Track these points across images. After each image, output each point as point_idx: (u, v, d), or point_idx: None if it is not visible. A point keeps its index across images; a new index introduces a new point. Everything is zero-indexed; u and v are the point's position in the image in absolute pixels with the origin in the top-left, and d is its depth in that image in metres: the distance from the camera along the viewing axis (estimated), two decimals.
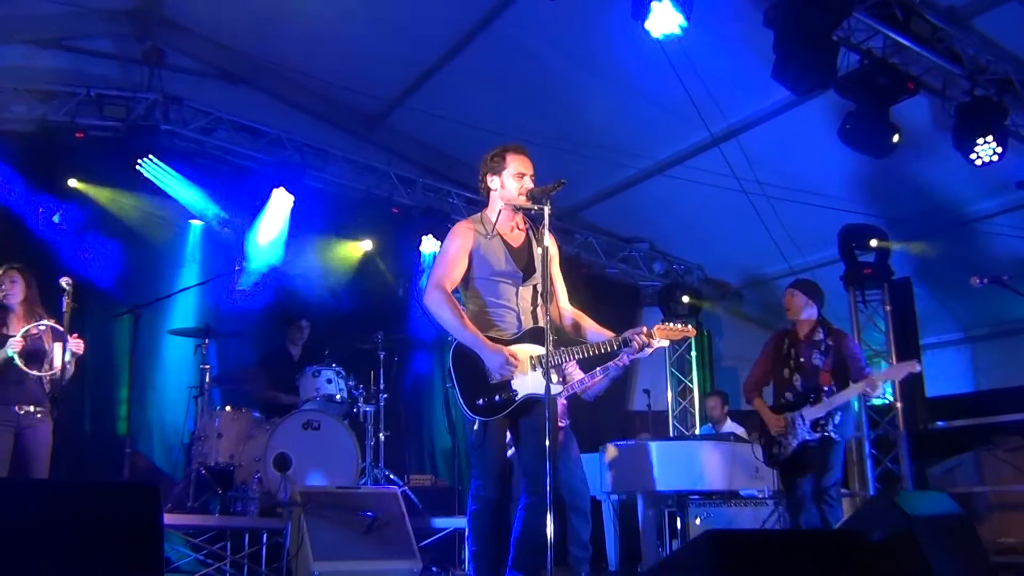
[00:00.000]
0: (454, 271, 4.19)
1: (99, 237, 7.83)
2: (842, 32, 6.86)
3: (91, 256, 7.73)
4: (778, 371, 6.08)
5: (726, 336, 12.57)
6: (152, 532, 3.31)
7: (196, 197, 8.48)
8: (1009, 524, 8.65)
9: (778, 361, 6.10)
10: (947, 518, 4.07)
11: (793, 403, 5.94)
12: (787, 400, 5.98)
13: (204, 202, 8.53)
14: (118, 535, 3.19)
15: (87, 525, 3.13)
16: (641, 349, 4.23)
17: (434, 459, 9.75)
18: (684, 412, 11.57)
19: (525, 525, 4.04)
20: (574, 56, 8.09)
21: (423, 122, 9.19)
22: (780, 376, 6.06)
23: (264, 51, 8.57)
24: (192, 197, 8.46)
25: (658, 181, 9.78)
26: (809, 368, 5.96)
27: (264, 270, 8.53)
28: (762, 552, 3.14)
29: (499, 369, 3.99)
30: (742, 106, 8.32)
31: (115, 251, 7.86)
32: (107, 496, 3.32)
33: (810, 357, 5.98)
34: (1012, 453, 8.79)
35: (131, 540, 3.22)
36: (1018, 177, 8.26)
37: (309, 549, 5.27)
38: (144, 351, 7.76)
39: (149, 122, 8.29)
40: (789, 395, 5.98)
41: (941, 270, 9.84)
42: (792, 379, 5.97)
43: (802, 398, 5.91)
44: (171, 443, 8.04)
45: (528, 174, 4.24)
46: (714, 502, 7.23)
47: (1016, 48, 7.31)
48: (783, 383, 6.02)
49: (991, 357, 10.27)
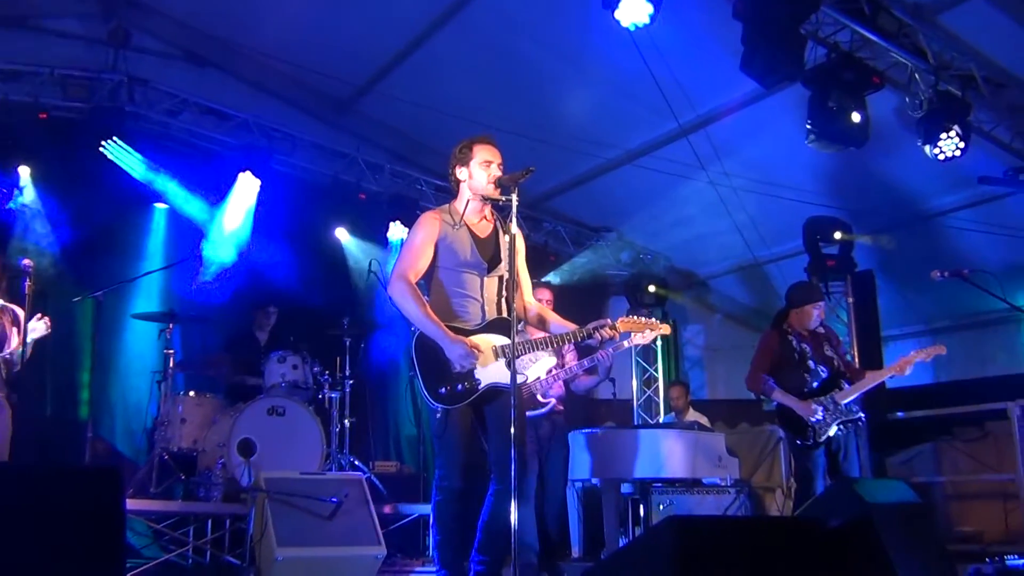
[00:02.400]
0: (419, 261, 4.20)
1: (62, 219, 7.73)
2: (810, 26, 6.92)
3: (53, 239, 7.63)
4: (792, 364, 6.12)
5: (692, 326, 12.67)
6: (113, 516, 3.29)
7: (161, 180, 8.37)
8: (966, 513, 8.80)
9: (788, 355, 6.15)
10: (905, 506, 4.12)
11: (818, 391, 6.02)
12: (812, 389, 6.04)
13: (169, 185, 8.42)
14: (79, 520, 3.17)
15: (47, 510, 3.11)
16: (604, 341, 4.27)
17: (399, 446, 9.75)
18: (649, 401, 11.66)
19: (492, 512, 4.07)
20: (544, 44, 8.08)
21: (392, 108, 9.15)
22: (798, 367, 6.10)
23: (232, 33, 8.47)
24: (157, 180, 8.35)
25: (627, 171, 9.80)
26: (828, 359, 6.14)
27: (231, 259, 8.45)
28: (723, 537, 3.17)
29: (459, 360, 4.01)
30: (710, 97, 8.35)
31: (78, 234, 7.76)
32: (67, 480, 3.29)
33: (822, 348, 6.17)
34: (970, 444, 8.92)
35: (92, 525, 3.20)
36: (980, 172, 8.38)
37: (273, 535, 5.25)
38: (107, 335, 7.69)
39: (114, 104, 8.19)
40: (815, 384, 6.05)
41: (903, 263, 9.97)
42: (818, 369, 6.07)
43: (830, 385, 6.01)
44: (134, 428, 7.98)
45: (496, 162, 4.24)
46: (677, 490, 7.28)
47: (980, 44, 7.40)
48: (806, 373, 6.08)
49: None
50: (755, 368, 6.22)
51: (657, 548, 3.07)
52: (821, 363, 6.10)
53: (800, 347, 6.14)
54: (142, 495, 6.48)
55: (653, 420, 11.14)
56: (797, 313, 6.26)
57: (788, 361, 6.14)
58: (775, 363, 6.17)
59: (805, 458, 6.04)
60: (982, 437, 8.90)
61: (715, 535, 3.17)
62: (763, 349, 6.28)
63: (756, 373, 6.19)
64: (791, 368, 6.12)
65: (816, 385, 6.04)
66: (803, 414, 5.92)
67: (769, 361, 6.19)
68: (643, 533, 6.50)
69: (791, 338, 6.19)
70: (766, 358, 6.21)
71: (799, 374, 6.08)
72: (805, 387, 6.04)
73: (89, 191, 8.04)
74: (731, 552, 3.12)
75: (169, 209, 8.60)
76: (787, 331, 6.24)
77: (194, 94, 8.60)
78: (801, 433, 5.97)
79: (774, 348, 6.22)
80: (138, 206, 8.49)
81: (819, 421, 5.89)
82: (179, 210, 8.57)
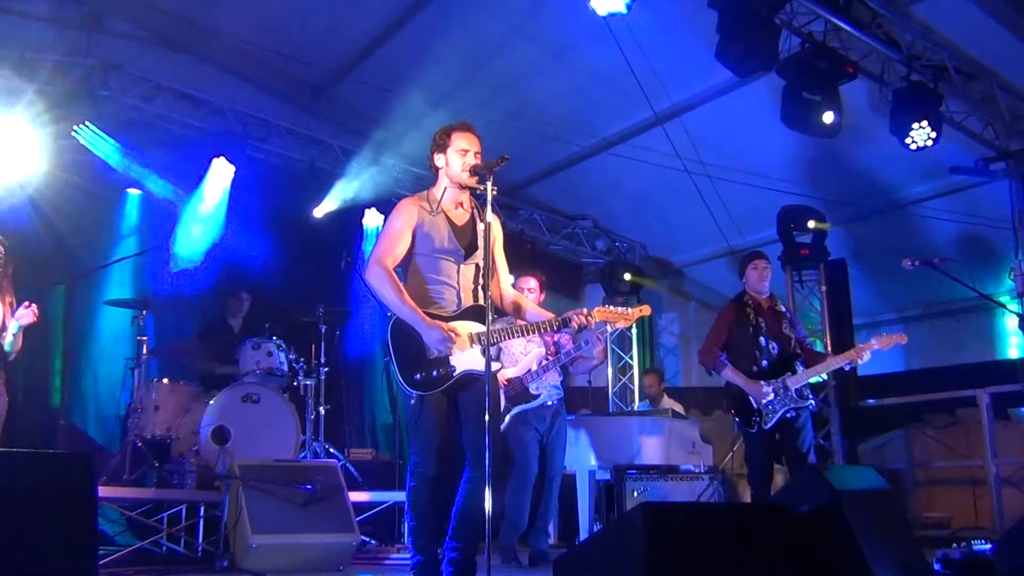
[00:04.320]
0: (396, 247, 4.21)
1: (33, 205, 7.64)
2: (784, 15, 6.96)
3: (24, 224, 7.55)
4: (746, 339, 6.06)
5: (666, 314, 12.74)
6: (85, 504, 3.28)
7: (134, 166, 8.30)
8: (936, 499, 8.92)
9: (743, 329, 6.09)
10: (873, 492, 4.17)
11: (769, 371, 5.96)
12: (762, 368, 5.98)
13: (142, 171, 8.35)
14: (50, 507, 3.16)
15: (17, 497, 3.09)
16: (580, 329, 4.30)
17: (375, 433, 9.75)
18: (624, 388, 11.72)
19: (466, 498, 4.09)
20: (521, 31, 8.07)
21: (368, 94, 9.11)
22: (751, 343, 6.04)
23: (207, 18, 8.38)
24: (129, 165, 8.28)
25: (602, 159, 9.84)
26: (783, 336, 6.08)
27: (204, 246, 8.40)
28: (693, 524, 3.21)
29: (437, 344, 4.02)
30: (686, 86, 8.39)
31: (49, 219, 7.68)
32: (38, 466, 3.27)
33: (780, 327, 6.10)
34: (940, 431, 9.05)
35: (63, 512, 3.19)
36: (951, 162, 8.46)
37: (247, 522, 5.26)
38: (79, 322, 7.63)
39: (86, 88, 8.10)
40: (764, 362, 5.99)
41: (876, 252, 10.08)
42: (768, 347, 6.01)
43: (781, 366, 5.96)
44: (106, 415, 7.92)
45: (473, 150, 4.24)
46: (651, 476, 7.33)
47: (952, 35, 7.47)
48: (756, 350, 6.01)
49: (922, 337, 10.54)
50: (709, 341, 6.21)
51: (629, 534, 3.10)
52: (774, 340, 6.04)
53: (756, 321, 6.07)
54: (115, 482, 6.43)
55: (628, 408, 11.20)
56: (746, 282, 6.29)
57: (741, 335, 6.09)
58: (729, 337, 6.14)
59: (750, 441, 6.05)
60: (952, 424, 9.03)
61: (685, 521, 3.20)
62: (719, 322, 6.26)
63: (710, 346, 6.17)
64: (743, 342, 6.07)
65: (766, 364, 5.98)
66: (753, 395, 5.90)
67: (724, 335, 6.16)
68: (615, 520, 6.55)
69: (749, 311, 6.13)
70: (721, 332, 6.17)
71: (750, 349, 6.03)
72: (755, 365, 5.99)
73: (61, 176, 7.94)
74: (701, 538, 3.16)
75: (142, 195, 8.52)
76: (746, 303, 6.19)
77: (168, 79, 8.50)
78: (746, 418, 5.95)
79: (729, 321, 6.18)
80: (111, 191, 8.40)
81: (768, 404, 5.85)
82: (152, 196, 8.49)
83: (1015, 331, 9.93)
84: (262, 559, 5.23)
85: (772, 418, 5.87)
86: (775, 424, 5.89)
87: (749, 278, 6.27)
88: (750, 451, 6.13)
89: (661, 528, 3.03)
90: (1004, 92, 7.94)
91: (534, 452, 6.21)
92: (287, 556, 5.33)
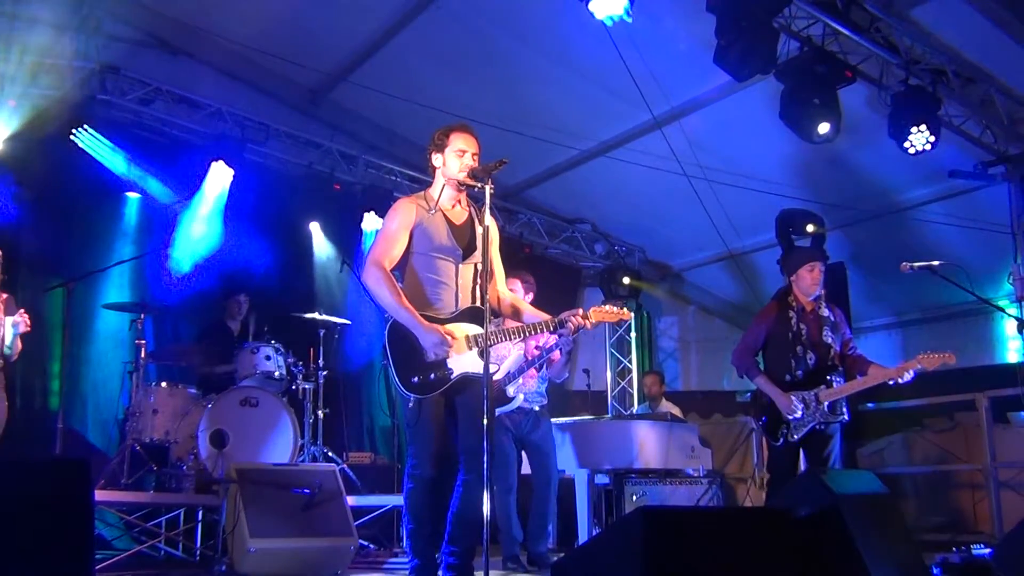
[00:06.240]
0: (393, 248, 4.19)
1: (32, 208, 7.63)
2: (783, 19, 6.97)
3: (22, 227, 7.54)
4: (783, 345, 5.69)
5: (665, 318, 12.74)
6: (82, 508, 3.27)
7: (132, 169, 8.29)
8: (935, 504, 8.90)
9: (782, 334, 5.70)
10: (872, 496, 4.16)
11: (804, 382, 5.61)
12: (796, 378, 5.62)
13: (140, 174, 8.35)
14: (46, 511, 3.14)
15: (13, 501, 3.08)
16: (577, 331, 4.29)
17: (373, 437, 9.73)
18: (623, 392, 11.72)
19: (462, 502, 4.07)
20: (520, 35, 8.08)
21: (366, 98, 9.11)
22: (787, 351, 5.67)
23: (205, 22, 8.40)
24: (128, 169, 8.27)
25: (601, 162, 9.84)
26: (822, 345, 5.68)
27: (203, 249, 8.39)
28: (691, 528, 3.19)
29: (433, 348, 4.00)
30: (684, 90, 8.40)
31: (48, 223, 7.67)
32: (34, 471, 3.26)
33: (820, 333, 5.70)
34: (940, 434, 9.01)
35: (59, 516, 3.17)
36: (950, 166, 8.47)
37: (245, 526, 5.23)
38: (77, 325, 7.60)
39: (85, 91, 8.10)
40: (799, 372, 5.61)
41: (874, 256, 10.07)
42: (806, 356, 5.62)
43: (815, 378, 5.60)
44: (105, 419, 7.90)
45: (471, 152, 4.24)
46: (650, 480, 7.33)
47: (951, 39, 7.48)
48: (793, 359, 5.64)
49: (921, 341, 10.52)
50: (744, 344, 5.86)
51: (627, 538, 3.09)
52: (812, 349, 5.63)
53: (798, 327, 5.66)
54: (113, 486, 6.42)
55: (627, 412, 11.19)
56: (795, 281, 5.84)
57: (779, 341, 5.71)
58: (767, 338, 5.77)
59: (775, 452, 5.74)
60: (951, 428, 8.99)
61: (684, 526, 3.19)
62: (758, 322, 5.88)
63: (744, 349, 5.83)
64: (779, 349, 5.71)
65: (800, 374, 5.61)
66: (782, 408, 5.56)
67: (762, 337, 5.78)
68: (613, 524, 6.54)
69: (791, 314, 5.72)
70: (759, 334, 5.80)
71: (786, 357, 5.66)
72: (789, 374, 5.63)
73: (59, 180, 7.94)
74: (700, 542, 3.15)
75: (141, 198, 8.52)
76: (790, 305, 5.78)
77: (166, 83, 8.51)
78: (772, 432, 5.64)
79: (769, 322, 5.79)
80: (110, 195, 8.39)
81: (797, 420, 5.53)
82: (151, 199, 8.49)
83: (1014, 335, 9.91)
84: (260, 563, 5.20)
85: (800, 431, 5.57)
86: (803, 437, 5.59)
87: (801, 279, 5.80)
88: (774, 462, 5.85)
89: (660, 532, 3.02)
90: (1002, 96, 7.95)
91: (512, 456, 6.16)
92: (285, 560, 5.31)
